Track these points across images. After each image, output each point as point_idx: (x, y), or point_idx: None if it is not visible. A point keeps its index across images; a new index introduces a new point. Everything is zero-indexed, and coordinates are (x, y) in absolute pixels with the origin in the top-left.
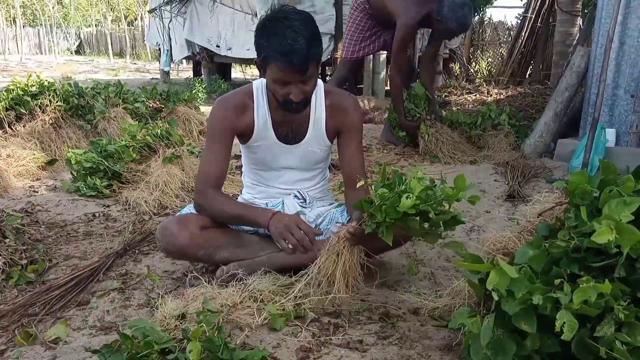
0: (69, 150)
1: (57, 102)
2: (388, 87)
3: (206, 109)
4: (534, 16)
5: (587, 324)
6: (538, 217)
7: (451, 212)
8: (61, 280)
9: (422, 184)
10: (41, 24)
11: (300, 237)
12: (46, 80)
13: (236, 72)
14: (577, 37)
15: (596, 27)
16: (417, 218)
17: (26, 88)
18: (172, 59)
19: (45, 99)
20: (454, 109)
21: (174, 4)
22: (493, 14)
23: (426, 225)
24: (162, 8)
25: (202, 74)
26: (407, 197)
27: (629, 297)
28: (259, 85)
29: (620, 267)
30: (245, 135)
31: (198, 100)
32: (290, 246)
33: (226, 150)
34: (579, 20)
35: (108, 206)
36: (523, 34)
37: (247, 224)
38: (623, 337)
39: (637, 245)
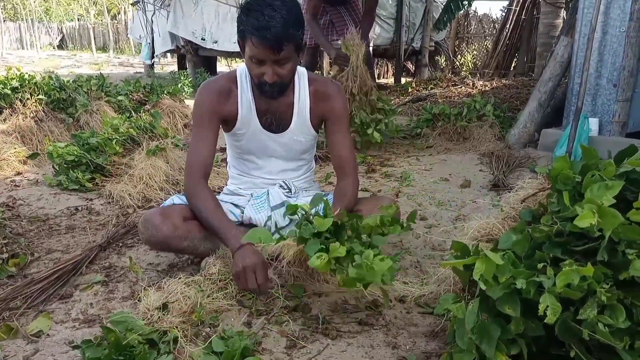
0: (51, 143)
1: (38, 95)
2: None
3: (191, 102)
4: (518, 9)
5: (570, 307)
6: (521, 203)
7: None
8: (43, 274)
9: (344, 248)
10: (22, 19)
11: (252, 286)
12: (27, 74)
13: (222, 66)
14: (561, 28)
15: (579, 17)
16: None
17: (6, 82)
18: (155, 52)
19: (26, 92)
20: (440, 100)
21: None
22: (478, 6)
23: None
24: (145, 1)
25: (187, 68)
26: (317, 257)
27: (611, 279)
28: (243, 72)
29: (602, 251)
30: (230, 121)
31: (183, 93)
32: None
33: (213, 136)
34: (563, 12)
35: (91, 200)
36: (508, 26)
37: (216, 236)
38: (605, 320)
39: (618, 229)
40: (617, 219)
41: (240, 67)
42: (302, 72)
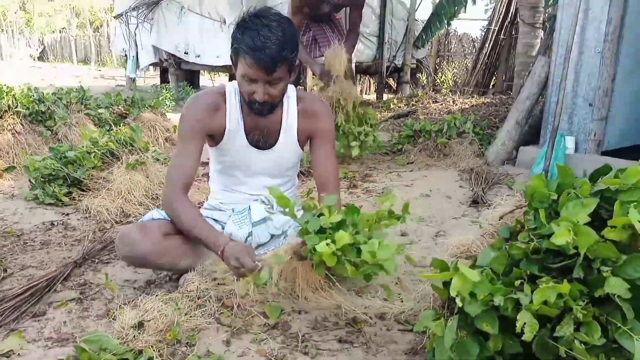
0: (28, 157)
1: (16, 108)
2: None
3: (173, 116)
4: (497, 28)
5: (548, 325)
6: (499, 220)
7: (373, 265)
8: (16, 291)
9: (351, 235)
10: (2, 30)
11: (251, 266)
12: (5, 85)
13: (205, 79)
14: (539, 48)
15: (556, 38)
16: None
17: None
18: (139, 66)
19: (4, 105)
20: (421, 117)
21: (140, 10)
22: (458, 26)
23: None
24: (128, 14)
25: (169, 81)
26: (326, 244)
27: (587, 297)
28: (233, 88)
29: (578, 268)
30: (216, 137)
31: (165, 107)
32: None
33: (197, 150)
34: (540, 33)
35: (67, 214)
36: (487, 45)
37: (199, 241)
38: (582, 337)
39: (593, 246)
40: (592, 236)
41: (229, 83)
42: (291, 90)
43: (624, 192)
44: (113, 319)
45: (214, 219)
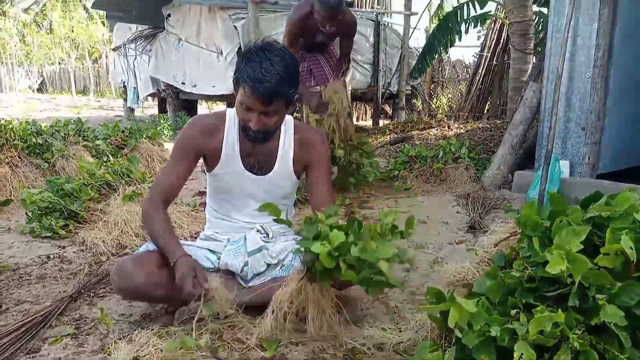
0: (25, 189)
1: (14, 141)
2: None
3: (170, 146)
4: (489, 54)
5: (545, 354)
6: (495, 247)
7: (378, 272)
8: (11, 327)
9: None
10: (2, 62)
11: (191, 288)
12: (3, 119)
13: (202, 108)
14: (529, 74)
15: (546, 64)
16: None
17: None
18: (139, 97)
19: (1, 138)
20: (417, 142)
21: (138, 42)
22: (451, 52)
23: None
24: (127, 46)
25: (167, 111)
26: (320, 243)
27: (583, 325)
28: (233, 113)
29: (573, 296)
30: (212, 160)
31: (163, 137)
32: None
33: (185, 169)
34: (532, 58)
35: (64, 247)
36: (480, 71)
37: (163, 252)
38: None
39: (588, 274)
40: (586, 264)
41: (230, 108)
42: (288, 120)
43: (615, 219)
44: (108, 354)
45: (210, 250)
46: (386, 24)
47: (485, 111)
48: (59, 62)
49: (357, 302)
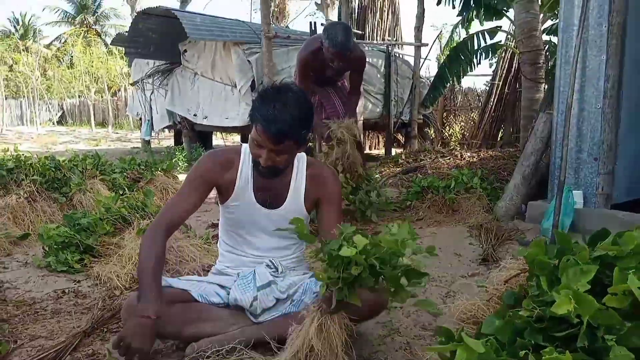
0: (42, 224)
1: (33, 176)
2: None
3: (184, 177)
4: (501, 83)
5: None
6: (505, 284)
7: (406, 265)
8: None
9: (369, 239)
10: (24, 96)
11: (122, 352)
12: (23, 155)
13: (217, 139)
14: (540, 105)
15: (556, 95)
16: (369, 274)
17: (2, 163)
18: (153, 128)
19: (21, 173)
20: (430, 172)
21: (155, 77)
22: (463, 81)
23: (383, 281)
24: (144, 81)
25: (183, 143)
26: (347, 247)
27: None
28: (247, 149)
29: (582, 336)
30: (226, 191)
31: (178, 168)
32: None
33: (196, 199)
34: (543, 86)
35: (79, 281)
36: (492, 99)
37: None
38: None
39: (596, 315)
40: (594, 304)
41: (246, 143)
42: (301, 156)
43: (622, 258)
44: None
45: (220, 285)
46: (397, 55)
47: (499, 139)
48: (79, 96)
49: (369, 339)
